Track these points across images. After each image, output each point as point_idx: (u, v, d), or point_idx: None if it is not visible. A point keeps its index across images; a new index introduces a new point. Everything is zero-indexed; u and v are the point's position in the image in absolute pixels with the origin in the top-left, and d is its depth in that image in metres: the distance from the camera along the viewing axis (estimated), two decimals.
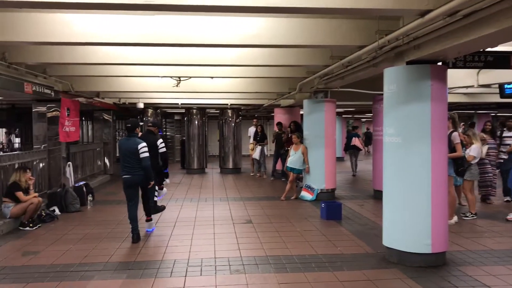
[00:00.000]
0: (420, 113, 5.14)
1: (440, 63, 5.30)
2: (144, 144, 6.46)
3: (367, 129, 17.20)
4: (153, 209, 6.97)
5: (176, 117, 22.32)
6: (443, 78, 5.23)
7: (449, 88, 6.58)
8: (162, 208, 7.50)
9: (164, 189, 7.63)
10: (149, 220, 6.93)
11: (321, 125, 9.93)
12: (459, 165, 7.22)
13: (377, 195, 9.83)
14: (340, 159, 20.63)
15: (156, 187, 7.26)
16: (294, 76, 8.96)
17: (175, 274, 5.00)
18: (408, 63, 5.25)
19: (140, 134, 6.95)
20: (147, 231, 6.92)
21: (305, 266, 5.24)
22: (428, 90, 5.12)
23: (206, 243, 6.31)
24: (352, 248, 6.04)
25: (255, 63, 7.18)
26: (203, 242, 6.35)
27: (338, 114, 19.85)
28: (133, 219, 6.48)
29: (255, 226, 7.37)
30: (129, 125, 6.57)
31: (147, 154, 6.43)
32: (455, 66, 6.77)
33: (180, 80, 9.84)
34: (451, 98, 11.09)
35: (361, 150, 15.72)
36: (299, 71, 8.66)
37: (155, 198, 7.17)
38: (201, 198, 10.28)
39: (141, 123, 13.18)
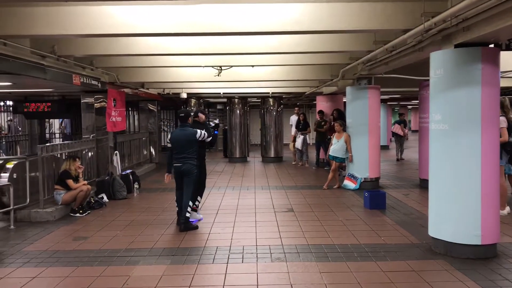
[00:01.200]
0: (470, 99, 4.90)
1: (492, 45, 5.02)
2: (199, 130, 6.63)
3: (399, 115, 17.42)
4: (183, 224, 6.45)
5: (219, 107, 22.55)
6: (495, 61, 4.94)
7: (501, 72, 6.22)
8: (194, 227, 6.53)
9: (199, 215, 7.06)
10: (194, 209, 6.96)
11: (364, 113, 9.73)
12: (510, 153, 6.86)
13: (424, 184, 9.58)
14: (384, 147, 20.21)
15: (190, 205, 6.57)
16: (336, 62, 8.79)
17: (217, 260, 5.08)
18: (456, 46, 5.00)
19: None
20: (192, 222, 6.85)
21: (347, 255, 5.19)
22: (479, 74, 4.86)
23: (248, 230, 6.38)
24: (396, 238, 5.92)
25: (297, 50, 7.10)
26: (244, 230, 6.42)
27: (383, 101, 19.41)
28: (179, 203, 6.65)
29: (297, 214, 7.37)
30: (182, 114, 6.71)
31: (208, 138, 6.67)
32: (508, 48, 6.37)
33: (221, 69, 9.89)
34: (505, 83, 10.51)
35: (403, 136, 16.07)
36: (342, 57, 8.49)
37: (187, 214, 6.48)
38: (243, 187, 10.37)
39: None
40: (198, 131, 6.62)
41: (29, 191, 7.28)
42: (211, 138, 6.82)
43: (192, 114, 6.95)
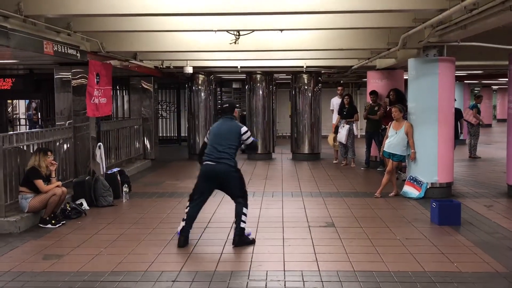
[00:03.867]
0: None
1: None
2: (247, 128, 6.97)
3: (476, 97, 17.20)
4: (238, 237, 6.65)
5: (235, 85, 22.64)
6: None
7: None
8: (251, 241, 6.78)
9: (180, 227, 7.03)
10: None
11: (433, 94, 9.60)
12: None
13: None
14: (460, 142, 19.91)
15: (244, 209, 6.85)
16: (395, 26, 8.70)
17: None
18: None
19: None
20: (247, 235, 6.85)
21: (407, 287, 5.16)
22: None
23: (273, 251, 6.39)
24: (474, 264, 5.87)
25: (341, 8, 7.05)
26: (268, 250, 6.43)
27: (458, 78, 19.12)
28: (191, 218, 6.74)
29: (339, 231, 7.35)
30: (227, 105, 7.09)
31: (249, 139, 6.95)
32: None
33: (239, 35, 9.89)
34: None
35: (474, 125, 16.09)
36: (403, 18, 8.39)
37: (242, 224, 6.68)
38: (267, 192, 10.39)
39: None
40: (244, 126, 6.95)
41: None
42: (253, 140, 7.06)
43: (237, 106, 7.25)
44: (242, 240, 6.63)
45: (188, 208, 6.81)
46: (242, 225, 6.66)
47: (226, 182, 6.77)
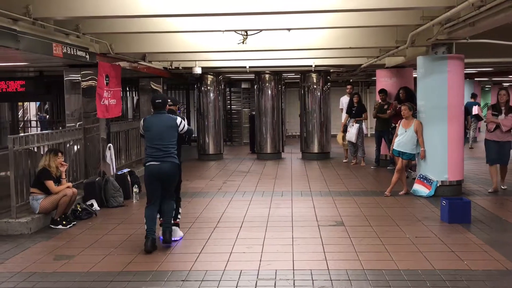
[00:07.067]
0: None
1: None
2: (179, 117, 6.88)
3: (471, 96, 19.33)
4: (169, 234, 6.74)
5: (244, 86, 22.63)
6: None
7: None
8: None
9: (180, 232, 7.15)
10: (176, 224, 7.06)
11: (442, 92, 9.56)
12: None
13: None
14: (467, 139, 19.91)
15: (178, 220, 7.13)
16: (404, 23, 8.69)
17: None
18: None
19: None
20: (172, 240, 6.80)
21: (417, 285, 5.16)
22: None
23: (282, 250, 6.40)
24: (485, 262, 5.85)
25: (349, 7, 7.05)
26: (277, 249, 6.44)
27: (468, 76, 19.07)
28: (152, 219, 6.68)
29: (348, 230, 7.35)
30: (159, 100, 6.84)
31: (187, 127, 6.89)
32: None
33: (247, 35, 9.90)
34: None
35: (481, 120, 17.80)
36: (411, 16, 8.37)
37: (174, 237, 6.80)
38: (276, 192, 10.40)
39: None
40: (179, 118, 6.86)
41: None
42: (188, 128, 6.98)
43: (169, 100, 7.16)
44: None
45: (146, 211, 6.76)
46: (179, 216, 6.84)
47: (168, 183, 6.70)
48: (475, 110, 18.52)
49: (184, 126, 6.82)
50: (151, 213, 6.69)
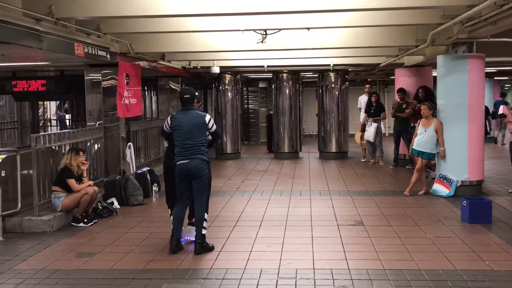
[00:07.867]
0: None
1: None
2: (210, 116, 6.66)
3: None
4: (199, 244, 6.42)
5: (261, 85, 22.66)
6: None
7: None
8: (211, 248, 6.53)
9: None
10: (192, 223, 6.94)
11: (463, 91, 9.50)
12: None
13: None
14: (489, 139, 19.70)
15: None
16: (423, 22, 8.64)
17: (262, 287, 5.14)
18: None
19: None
20: (187, 239, 6.81)
21: (438, 285, 5.14)
22: None
23: (302, 249, 6.41)
24: (506, 263, 5.82)
25: (368, 6, 7.03)
26: (297, 248, 6.45)
27: (487, 75, 18.92)
28: (180, 219, 6.54)
29: (368, 229, 7.34)
30: (188, 95, 6.58)
31: (215, 127, 6.69)
32: None
33: (266, 35, 9.91)
34: None
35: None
36: (431, 15, 8.32)
37: (203, 230, 6.49)
38: (295, 191, 10.41)
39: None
40: (207, 115, 6.65)
41: (21, 193, 7.60)
42: (216, 129, 6.75)
43: (197, 96, 6.80)
44: (203, 247, 6.37)
45: (175, 210, 6.60)
46: (204, 231, 6.43)
47: (197, 180, 6.49)
48: (501, 109, 17.88)
49: (213, 124, 6.63)
50: (179, 212, 6.56)
